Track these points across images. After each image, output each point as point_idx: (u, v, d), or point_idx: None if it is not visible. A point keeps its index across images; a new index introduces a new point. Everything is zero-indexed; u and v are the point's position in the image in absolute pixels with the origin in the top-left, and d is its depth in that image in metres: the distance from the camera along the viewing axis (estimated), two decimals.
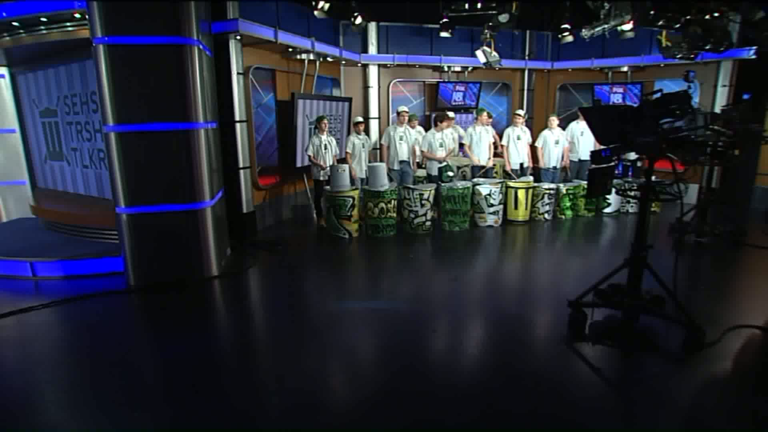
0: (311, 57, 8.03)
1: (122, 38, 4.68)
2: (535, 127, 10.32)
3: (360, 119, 8.06)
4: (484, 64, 8.14)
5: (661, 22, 5.97)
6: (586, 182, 8.56)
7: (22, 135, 7.75)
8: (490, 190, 7.53)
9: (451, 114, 8.19)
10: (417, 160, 8.49)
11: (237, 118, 6.66)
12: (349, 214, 6.95)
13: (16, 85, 7.53)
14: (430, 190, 7.20)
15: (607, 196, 8.37)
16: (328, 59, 8.53)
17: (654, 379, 3.28)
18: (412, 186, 7.22)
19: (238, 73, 6.57)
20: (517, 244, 7.06)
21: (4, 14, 5.44)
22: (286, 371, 3.46)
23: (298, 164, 7.93)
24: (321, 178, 7.53)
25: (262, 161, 7.69)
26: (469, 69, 10.51)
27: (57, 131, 6.80)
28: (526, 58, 10.86)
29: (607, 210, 8.48)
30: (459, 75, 10.71)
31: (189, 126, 5.00)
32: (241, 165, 6.82)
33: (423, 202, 7.16)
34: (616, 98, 10.09)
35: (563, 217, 8.25)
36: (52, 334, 4.27)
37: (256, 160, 7.35)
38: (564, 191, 8.17)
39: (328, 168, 7.38)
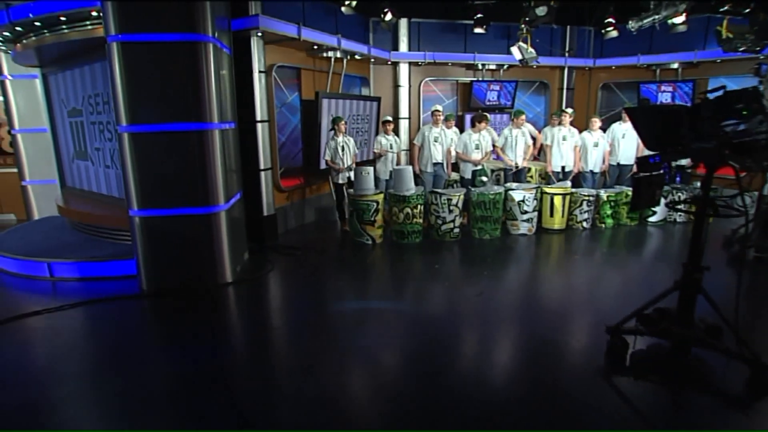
0: (338, 55, 7.76)
1: (135, 36, 4.52)
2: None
3: (388, 118, 7.74)
4: (520, 61, 7.65)
5: (725, 8, 5.28)
6: (629, 188, 7.99)
7: (53, 135, 7.83)
8: (524, 196, 7.05)
9: (487, 115, 7.74)
10: (453, 161, 8.12)
11: (258, 118, 6.46)
12: (372, 219, 6.63)
13: (48, 86, 7.61)
14: (459, 195, 6.79)
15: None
16: (356, 57, 8.24)
17: (708, 426, 2.79)
18: (439, 190, 6.83)
19: (260, 72, 6.37)
20: (551, 255, 6.56)
21: (30, 15, 5.44)
22: (294, 390, 3.17)
23: (322, 166, 7.67)
24: (340, 182, 7.25)
25: (286, 162, 7.47)
26: (505, 67, 9.99)
27: (82, 131, 6.80)
28: (566, 54, 10.24)
29: (652, 219, 7.82)
30: (494, 73, 10.21)
31: (203, 126, 4.80)
32: (262, 167, 6.62)
33: (451, 207, 6.76)
34: (665, 98, 9.35)
35: (603, 225, 7.66)
36: (55, 340, 4.13)
37: (278, 162, 7.14)
38: (605, 198, 7.57)
39: (346, 169, 7.10)
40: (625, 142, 8.00)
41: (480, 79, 9.94)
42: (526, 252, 6.55)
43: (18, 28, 5.57)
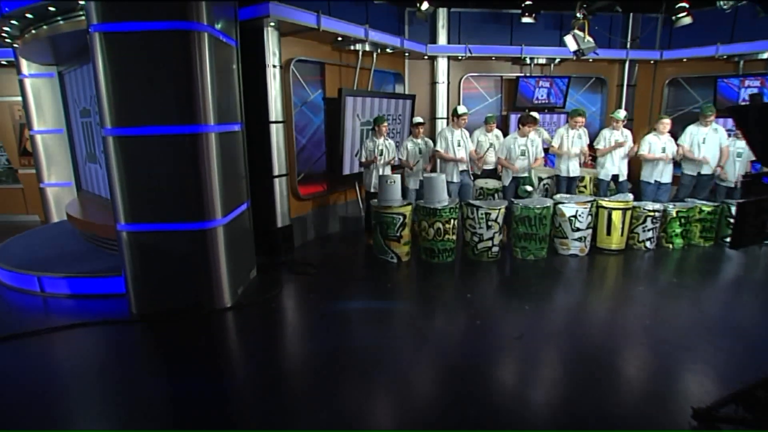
0: (366, 48, 6.98)
1: (119, 25, 3.91)
2: (636, 130, 8.49)
3: (419, 120, 6.74)
4: (575, 52, 6.60)
5: None
6: (703, 202, 6.78)
7: (69, 136, 7.50)
8: (577, 211, 6.02)
9: (535, 115, 6.73)
10: (484, 166, 7.20)
11: (273, 118, 5.78)
12: (398, 234, 5.81)
13: (63, 85, 7.27)
14: (499, 209, 5.85)
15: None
16: (388, 51, 7.43)
17: None
18: (476, 203, 5.91)
19: (275, 67, 5.67)
20: (608, 284, 5.51)
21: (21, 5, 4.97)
22: None
23: (345, 171, 6.92)
24: (373, 189, 6.44)
25: (306, 167, 6.78)
26: (556, 61, 8.89)
27: (91, 132, 6.37)
28: (628, 46, 9.01)
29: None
30: (543, 68, 9.13)
31: (195, 129, 4.14)
32: (276, 173, 5.94)
33: (490, 223, 5.83)
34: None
35: (670, 246, 6.50)
36: (18, 378, 3.57)
37: (297, 167, 6.45)
38: (674, 213, 6.41)
39: (374, 175, 6.32)
40: (706, 149, 6.79)
41: (528, 74, 8.88)
42: (578, 279, 5.54)
43: (14, 22, 5.13)
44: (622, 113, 6.84)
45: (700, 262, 6.07)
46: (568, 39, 6.53)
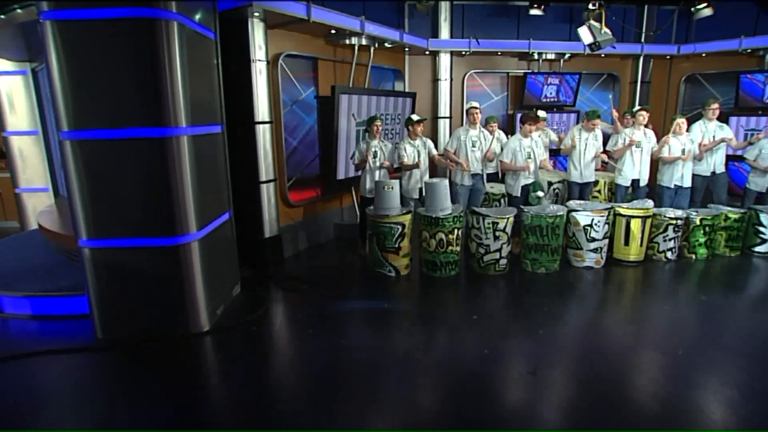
0: (363, 42, 6.45)
1: (73, 12, 3.39)
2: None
3: (416, 117, 5.89)
4: (591, 45, 6.05)
5: None
6: (729, 209, 6.25)
7: (44, 137, 7.00)
8: (592, 219, 5.50)
9: (542, 114, 6.19)
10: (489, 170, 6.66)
11: (258, 118, 5.26)
12: (396, 245, 5.30)
13: (38, 83, 6.77)
14: (508, 218, 5.33)
15: (765, 230, 5.96)
16: (386, 45, 6.91)
17: None
18: (482, 211, 5.39)
19: (260, 61, 5.16)
20: (630, 302, 4.98)
21: None
22: None
23: (340, 176, 6.41)
24: (368, 195, 5.92)
25: (298, 171, 6.27)
26: (566, 56, 8.35)
27: None
28: (643, 40, 8.46)
29: (760, 248, 6.04)
30: (552, 65, 8.59)
31: (163, 132, 3.62)
32: (263, 178, 5.42)
33: (497, 233, 5.31)
34: None
35: (693, 256, 5.97)
36: None
37: (287, 171, 5.93)
38: (697, 221, 5.88)
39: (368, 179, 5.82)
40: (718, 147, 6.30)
41: (536, 71, 8.35)
42: (596, 297, 5.03)
43: None
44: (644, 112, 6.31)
45: (728, 274, 5.56)
46: (583, 31, 5.98)
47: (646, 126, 6.30)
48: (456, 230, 5.30)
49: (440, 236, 5.24)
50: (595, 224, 5.51)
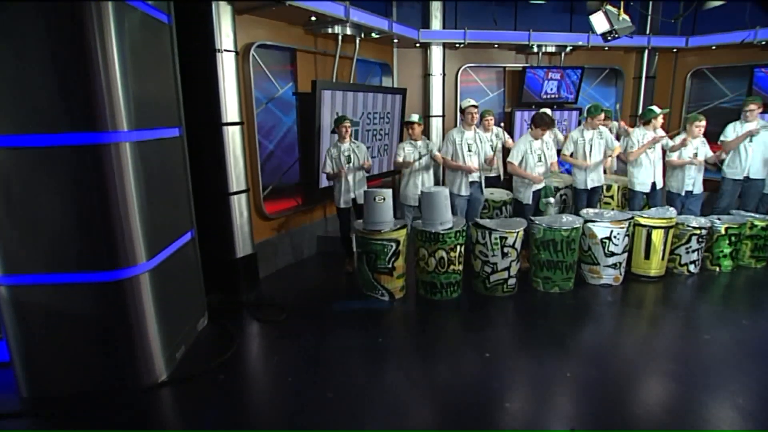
0: (348, 31, 5.70)
1: None
2: None
3: (415, 117, 5.38)
4: (605, 34, 5.39)
5: None
6: (754, 215, 5.70)
7: None
8: (612, 232, 4.86)
9: (547, 111, 5.52)
10: (491, 173, 5.99)
11: (227, 119, 4.48)
12: (390, 265, 4.57)
13: None
14: (518, 232, 4.65)
15: None
16: (373, 35, 6.16)
17: None
18: (488, 224, 4.69)
19: (228, 52, 4.37)
20: (664, 330, 4.27)
21: None
22: None
23: (322, 184, 5.65)
24: (342, 205, 5.20)
25: (275, 179, 5.50)
26: (567, 49, 7.72)
27: None
28: (648, 32, 7.87)
29: None
30: (551, 58, 7.95)
31: (98, 139, 2.83)
32: (233, 188, 4.64)
33: (506, 249, 4.63)
34: None
35: (717, 269, 5.41)
36: None
37: (261, 179, 5.15)
38: (722, 231, 5.30)
39: (351, 186, 5.10)
40: (753, 148, 5.71)
41: (536, 65, 7.69)
42: (623, 322, 4.38)
43: None
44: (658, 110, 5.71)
45: (761, 289, 4.98)
46: (597, 18, 5.30)
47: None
48: (458, 247, 4.60)
49: (441, 254, 4.53)
50: (615, 237, 4.87)
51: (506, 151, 5.99)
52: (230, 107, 4.47)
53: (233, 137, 4.54)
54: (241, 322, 4.33)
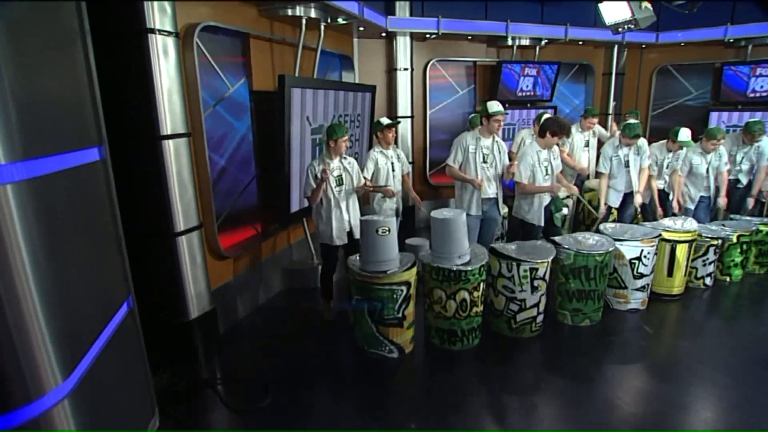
0: (312, 14, 4.54)
1: None
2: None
3: (386, 121, 4.49)
4: (621, 25, 4.72)
5: None
6: (759, 220, 5.41)
7: None
8: (642, 251, 4.21)
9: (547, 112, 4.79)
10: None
11: (166, 130, 3.17)
12: (401, 315, 3.54)
13: None
14: (548, 261, 3.81)
15: None
16: (340, 20, 5.05)
17: None
18: (514, 253, 3.80)
19: (164, 34, 3.07)
20: (721, 359, 3.62)
21: None
22: None
23: (295, 207, 4.48)
24: (336, 243, 4.03)
25: (228, 203, 4.22)
26: (543, 43, 7.08)
27: None
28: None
29: None
30: (524, 52, 7.29)
31: None
32: (180, 227, 3.34)
33: (536, 282, 3.78)
34: (764, 85, 6.82)
35: (727, 279, 5.06)
36: None
37: (214, 206, 3.86)
38: (734, 239, 4.92)
39: (348, 217, 3.99)
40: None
41: (509, 59, 6.97)
42: (671, 354, 3.73)
43: None
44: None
45: None
46: (611, 5, 4.59)
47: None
48: (481, 284, 3.68)
49: (463, 296, 3.58)
50: (645, 257, 4.23)
51: None
52: (171, 112, 3.17)
53: (177, 154, 3.24)
54: (204, 414, 3.09)
